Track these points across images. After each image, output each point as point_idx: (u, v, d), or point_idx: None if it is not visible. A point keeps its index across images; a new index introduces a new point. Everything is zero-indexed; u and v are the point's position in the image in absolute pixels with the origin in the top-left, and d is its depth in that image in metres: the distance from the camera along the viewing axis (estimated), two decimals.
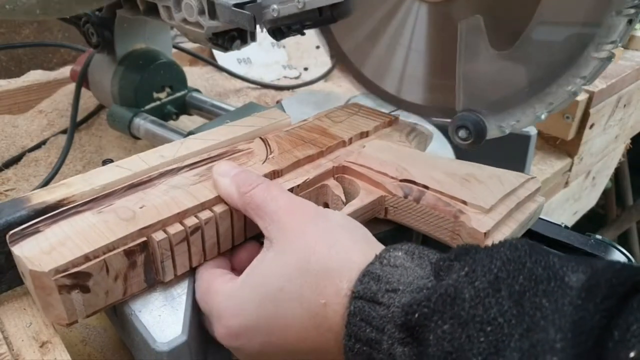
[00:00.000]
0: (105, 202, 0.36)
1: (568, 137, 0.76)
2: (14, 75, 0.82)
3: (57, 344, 0.33)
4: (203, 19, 0.45)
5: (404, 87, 0.48)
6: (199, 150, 0.42)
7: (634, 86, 0.86)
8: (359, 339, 0.28)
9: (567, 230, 0.44)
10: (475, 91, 0.42)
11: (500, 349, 0.23)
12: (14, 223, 0.33)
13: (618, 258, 0.41)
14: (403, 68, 0.47)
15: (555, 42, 0.38)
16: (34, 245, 0.32)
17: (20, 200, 0.35)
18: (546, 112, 0.41)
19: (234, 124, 0.47)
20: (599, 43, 0.36)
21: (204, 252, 0.36)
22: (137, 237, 0.33)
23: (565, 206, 0.96)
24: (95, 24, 0.65)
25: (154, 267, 0.35)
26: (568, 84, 0.38)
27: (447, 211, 0.38)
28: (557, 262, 0.25)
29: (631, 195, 1.79)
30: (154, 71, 0.67)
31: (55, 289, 0.30)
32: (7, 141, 0.70)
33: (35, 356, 0.32)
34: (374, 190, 0.42)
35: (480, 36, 0.40)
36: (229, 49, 0.48)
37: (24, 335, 0.33)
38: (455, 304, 0.25)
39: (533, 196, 0.41)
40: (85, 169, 0.67)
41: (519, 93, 0.41)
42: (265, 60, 1.04)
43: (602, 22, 0.35)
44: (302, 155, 0.43)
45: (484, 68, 0.41)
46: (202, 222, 0.35)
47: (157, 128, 0.63)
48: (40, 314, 0.34)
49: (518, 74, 0.40)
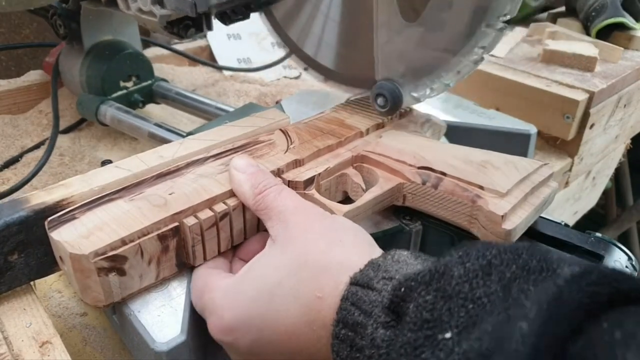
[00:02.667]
0: (136, 191, 0.37)
1: (568, 137, 0.76)
2: (14, 75, 0.82)
3: (57, 344, 0.33)
4: (155, 8, 0.47)
5: (320, 52, 0.53)
6: (198, 151, 0.43)
7: (634, 86, 0.85)
8: (346, 323, 0.28)
9: (566, 228, 0.44)
10: (390, 61, 0.46)
11: (477, 323, 0.23)
12: (12, 224, 0.33)
13: (618, 256, 0.41)
14: (321, 34, 0.52)
15: (455, 15, 0.42)
16: (72, 230, 0.33)
17: (19, 201, 0.35)
18: (454, 80, 0.44)
19: (233, 124, 0.47)
20: (494, 16, 0.40)
21: (232, 238, 0.38)
22: (170, 222, 0.35)
23: (565, 206, 0.96)
24: (62, 16, 0.67)
25: (185, 252, 0.36)
26: (471, 54, 0.42)
27: (464, 196, 0.40)
28: (554, 259, 0.25)
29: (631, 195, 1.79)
30: (120, 61, 0.69)
31: (95, 272, 0.32)
32: (7, 141, 0.70)
33: (35, 356, 0.32)
34: (392, 177, 0.43)
35: (392, 8, 0.43)
36: (184, 37, 0.50)
37: (24, 335, 0.33)
38: (443, 279, 0.25)
39: (546, 181, 0.43)
40: (84, 170, 0.67)
41: (429, 63, 0.44)
42: (265, 60, 1.04)
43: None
44: (322, 145, 0.45)
45: (398, 39, 0.45)
46: (230, 209, 0.37)
47: (122, 115, 0.66)
48: (40, 314, 0.34)
49: (426, 44, 0.44)
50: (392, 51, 0.45)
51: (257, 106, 0.60)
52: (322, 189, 0.43)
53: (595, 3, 0.94)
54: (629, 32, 0.93)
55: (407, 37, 0.44)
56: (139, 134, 0.64)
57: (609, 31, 0.92)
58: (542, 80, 0.78)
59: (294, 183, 0.41)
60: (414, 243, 0.44)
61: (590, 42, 0.88)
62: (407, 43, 0.44)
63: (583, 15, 0.97)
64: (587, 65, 0.81)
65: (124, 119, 0.66)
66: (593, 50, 0.83)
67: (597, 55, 0.81)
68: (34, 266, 0.35)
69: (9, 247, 0.34)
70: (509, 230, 0.38)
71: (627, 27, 0.93)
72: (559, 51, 0.83)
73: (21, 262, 0.34)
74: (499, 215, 0.38)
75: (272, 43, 1.07)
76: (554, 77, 0.78)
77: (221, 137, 0.45)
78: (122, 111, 0.67)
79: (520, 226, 0.39)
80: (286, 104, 0.60)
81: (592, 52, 0.82)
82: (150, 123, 0.63)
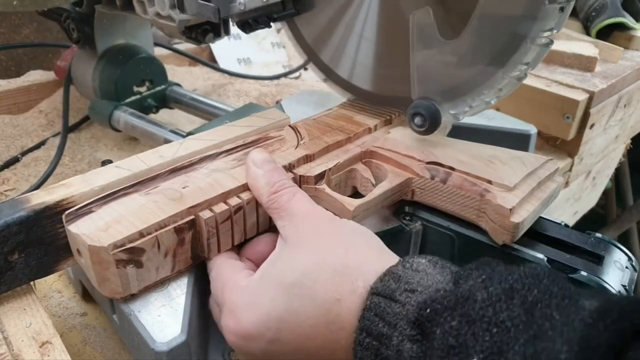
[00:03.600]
0: (150, 185, 0.38)
1: (568, 137, 0.76)
2: (14, 75, 0.82)
3: (57, 344, 0.33)
4: (174, 12, 0.46)
5: (355, 73, 0.51)
6: (198, 151, 0.43)
7: (634, 86, 0.85)
8: (370, 332, 0.29)
9: (566, 228, 0.44)
10: (427, 80, 0.45)
11: (503, 350, 0.23)
12: (13, 224, 0.33)
13: (618, 256, 0.41)
14: (355, 55, 0.50)
15: (497, 31, 0.40)
16: (90, 223, 0.34)
17: (20, 201, 0.35)
18: (495, 98, 0.43)
19: (234, 124, 0.47)
20: (537, 31, 0.39)
21: (245, 231, 0.39)
22: (186, 215, 0.35)
23: (565, 206, 0.96)
24: (76, 20, 0.67)
25: (200, 245, 0.37)
26: (513, 71, 0.41)
27: (473, 190, 0.41)
28: (573, 287, 0.26)
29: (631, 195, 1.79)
30: (133, 65, 0.69)
31: (113, 263, 0.33)
32: (7, 141, 0.70)
33: (35, 356, 0.32)
34: (401, 172, 0.44)
35: (430, 26, 0.42)
36: (202, 42, 0.50)
37: (24, 335, 0.33)
38: (467, 304, 0.26)
39: (552, 176, 0.44)
40: (84, 170, 0.67)
41: (469, 81, 0.43)
42: (265, 60, 1.04)
43: (538, 12, 0.38)
44: (332, 141, 0.45)
45: (435, 57, 0.43)
46: (244, 202, 0.38)
47: (136, 120, 0.65)
48: (40, 314, 0.34)
49: (466, 62, 0.43)
50: (429, 69, 0.44)
51: (257, 106, 0.60)
52: (332, 184, 0.43)
53: (595, 3, 0.94)
54: (629, 32, 0.93)
55: (446, 55, 0.43)
56: (153, 141, 0.63)
57: (609, 31, 0.93)
58: (542, 80, 0.78)
59: (305, 178, 0.42)
60: (414, 243, 0.44)
61: (590, 42, 0.88)
62: (446, 61, 0.43)
63: (583, 15, 0.97)
64: (587, 65, 0.81)
65: (138, 125, 0.64)
66: (593, 50, 0.83)
67: (597, 55, 0.81)
68: (34, 266, 0.35)
69: (9, 247, 0.33)
70: (517, 223, 0.39)
71: (627, 27, 0.93)
72: (559, 51, 0.83)
73: (21, 262, 0.34)
74: (507, 208, 0.38)
75: (272, 43, 1.07)
76: (554, 77, 0.78)
77: (221, 137, 0.45)
78: (136, 117, 0.65)
79: (527, 219, 0.40)
80: (286, 104, 0.60)
81: (592, 52, 0.82)
82: (166, 129, 0.62)
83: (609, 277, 0.38)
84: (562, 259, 0.39)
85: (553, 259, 0.39)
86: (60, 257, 0.36)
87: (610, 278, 0.38)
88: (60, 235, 0.36)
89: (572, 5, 0.39)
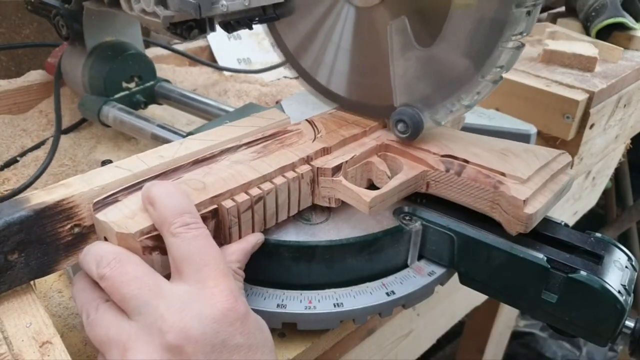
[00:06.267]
0: (174, 176, 0.40)
1: (568, 137, 0.76)
2: (14, 75, 0.82)
3: (57, 344, 0.33)
4: (159, 9, 0.47)
5: (332, 80, 0.52)
6: (199, 151, 0.43)
7: (634, 86, 0.85)
8: None
9: (566, 228, 0.44)
10: (408, 87, 0.46)
11: None
12: (13, 223, 0.33)
13: (618, 256, 0.41)
14: (333, 63, 0.51)
15: (470, 36, 0.41)
16: (116, 212, 0.36)
17: (20, 201, 0.35)
18: (474, 101, 0.44)
19: (234, 124, 0.48)
20: (509, 35, 0.40)
21: (265, 221, 0.41)
22: (209, 205, 0.37)
23: (565, 206, 0.96)
24: (65, 17, 0.67)
25: (222, 233, 0.39)
26: (489, 74, 0.42)
27: (487, 182, 0.42)
28: None
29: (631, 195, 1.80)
30: (122, 62, 0.69)
31: (140, 250, 0.34)
32: (7, 141, 0.70)
33: (35, 356, 0.32)
34: (416, 165, 0.45)
35: (406, 35, 0.43)
36: (187, 38, 0.50)
37: (24, 335, 0.33)
38: None
39: (565, 169, 0.45)
40: (84, 170, 0.67)
41: (447, 86, 0.44)
42: (265, 60, 1.04)
43: (507, 16, 0.39)
44: (348, 134, 0.47)
45: (414, 65, 0.44)
46: (265, 193, 0.39)
47: (124, 115, 0.66)
48: (40, 314, 0.34)
49: (443, 68, 0.43)
50: (409, 77, 0.45)
51: (257, 106, 0.60)
52: (349, 177, 0.44)
53: (595, 3, 0.94)
54: (629, 32, 0.93)
55: (423, 62, 0.44)
56: (141, 135, 0.64)
57: (609, 31, 0.92)
58: (542, 80, 0.78)
59: (322, 170, 0.43)
60: (414, 243, 0.45)
61: (590, 42, 0.88)
62: (424, 68, 0.44)
63: (583, 15, 0.97)
64: (587, 65, 0.81)
65: (127, 120, 0.66)
66: (593, 50, 0.83)
67: (597, 55, 0.81)
68: (34, 266, 0.35)
69: (9, 247, 0.34)
70: (530, 215, 0.39)
71: (627, 27, 0.93)
72: (558, 51, 0.83)
73: (21, 262, 0.35)
74: (521, 200, 0.39)
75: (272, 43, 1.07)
76: (554, 77, 0.78)
77: (222, 137, 0.45)
78: (125, 112, 0.67)
79: (540, 211, 0.40)
80: (286, 104, 0.60)
81: (592, 52, 0.82)
82: (153, 124, 0.63)
83: (609, 276, 0.38)
84: (562, 259, 0.39)
85: (553, 258, 0.39)
86: (60, 257, 0.36)
87: (610, 278, 0.38)
88: (60, 235, 0.36)
89: (539, 9, 0.40)
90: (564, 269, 0.39)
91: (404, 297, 0.43)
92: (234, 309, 0.31)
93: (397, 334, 0.67)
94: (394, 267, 0.45)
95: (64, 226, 0.36)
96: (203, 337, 0.30)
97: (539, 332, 1.74)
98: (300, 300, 0.42)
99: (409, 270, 0.45)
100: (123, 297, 0.31)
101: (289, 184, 0.41)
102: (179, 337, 0.29)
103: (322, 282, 0.43)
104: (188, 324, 0.30)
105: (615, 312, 0.37)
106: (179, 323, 0.30)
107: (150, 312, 0.30)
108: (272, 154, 0.43)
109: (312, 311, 0.41)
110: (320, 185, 0.44)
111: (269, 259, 0.42)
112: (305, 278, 0.43)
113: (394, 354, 0.68)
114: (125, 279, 0.32)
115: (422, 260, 0.46)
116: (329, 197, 0.44)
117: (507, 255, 0.41)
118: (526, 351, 1.72)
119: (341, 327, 0.47)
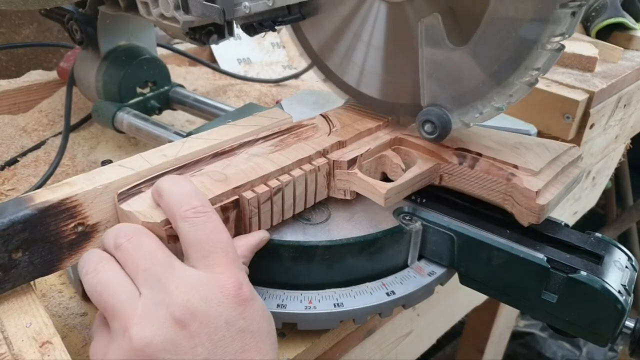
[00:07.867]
0: (195, 168, 0.41)
1: (568, 137, 0.76)
2: (14, 75, 0.82)
3: (57, 344, 0.33)
4: (179, 13, 0.46)
5: (363, 81, 0.51)
6: (201, 150, 0.43)
7: (634, 86, 0.85)
8: None
9: (566, 228, 0.44)
10: (437, 86, 0.45)
11: None
12: (17, 222, 0.33)
13: (618, 256, 0.41)
14: (363, 63, 0.50)
15: (508, 37, 0.40)
16: (141, 202, 0.37)
17: (24, 200, 0.35)
18: (506, 104, 0.43)
19: (235, 124, 0.48)
20: (549, 36, 0.38)
21: (283, 212, 0.42)
22: (231, 195, 0.38)
23: (565, 206, 0.96)
24: (79, 21, 0.66)
25: (243, 224, 0.40)
26: (524, 76, 0.40)
27: (500, 175, 0.43)
28: None
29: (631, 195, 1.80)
30: (137, 67, 0.68)
31: (165, 239, 0.35)
32: (7, 141, 0.70)
33: (35, 356, 0.32)
34: (430, 158, 0.46)
35: (439, 33, 0.42)
36: (206, 43, 0.50)
37: (24, 335, 0.33)
38: None
39: (575, 162, 0.46)
40: (84, 170, 0.67)
41: (479, 87, 0.43)
42: (265, 60, 1.04)
43: (549, 17, 0.37)
44: (363, 128, 0.48)
45: (444, 64, 0.43)
46: (283, 185, 0.41)
47: (139, 122, 0.65)
48: (40, 314, 0.34)
49: (476, 68, 0.42)
50: (438, 76, 0.44)
51: (258, 106, 0.60)
52: (363, 170, 0.45)
53: (595, 3, 0.94)
54: (629, 32, 0.93)
55: (455, 61, 0.42)
56: (157, 142, 0.62)
57: (609, 31, 0.92)
58: (542, 80, 0.78)
59: (338, 163, 0.44)
60: (413, 243, 0.45)
61: (590, 42, 0.88)
62: (455, 67, 0.43)
63: (583, 15, 0.97)
64: (587, 65, 0.81)
65: (142, 126, 0.64)
66: (593, 50, 0.83)
67: (597, 55, 0.81)
68: (37, 264, 0.35)
69: (13, 245, 0.34)
70: (543, 205, 0.40)
71: (627, 27, 0.93)
72: None
73: (25, 260, 0.35)
74: (534, 191, 0.40)
75: (272, 43, 1.07)
76: (554, 77, 0.78)
77: (224, 136, 0.45)
78: (140, 119, 0.65)
79: (552, 202, 0.41)
80: (286, 104, 0.60)
81: (592, 52, 0.82)
82: (170, 131, 0.62)
83: (609, 277, 0.38)
84: (562, 259, 0.39)
85: (553, 258, 0.39)
86: (63, 255, 0.36)
87: (610, 278, 0.38)
88: (63, 233, 0.36)
89: (583, 10, 0.38)
90: (564, 269, 0.39)
91: (404, 297, 0.43)
92: (239, 295, 0.32)
93: (397, 334, 0.67)
94: (394, 267, 0.45)
95: (67, 225, 0.36)
96: (207, 318, 0.31)
97: (539, 332, 1.74)
98: (301, 300, 0.42)
99: (409, 270, 0.45)
100: (137, 268, 0.32)
101: (306, 176, 0.42)
102: (185, 314, 0.31)
103: (322, 282, 0.43)
104: (195, 304, 0.31)
105: (615, 312, 0.37)
106: (186, 303, 0.31)
107: (160, 288, 0.31)
108: (289, 147, 0.44)
109: (312, 311, 0.41)
110: (336, 177, 0.45)
111: (269, 258, 0.42)
112: (305, 278, 0.43)
113: (394, 354, 0.68)
114: (141, 251, 0.33)
115: (422, 260, 0.47)
116: (344, 190, 0.45)
117: (507, 256, 0.41)
118: (526, 351, 1.72)
119: (341, 327, 0.47)
